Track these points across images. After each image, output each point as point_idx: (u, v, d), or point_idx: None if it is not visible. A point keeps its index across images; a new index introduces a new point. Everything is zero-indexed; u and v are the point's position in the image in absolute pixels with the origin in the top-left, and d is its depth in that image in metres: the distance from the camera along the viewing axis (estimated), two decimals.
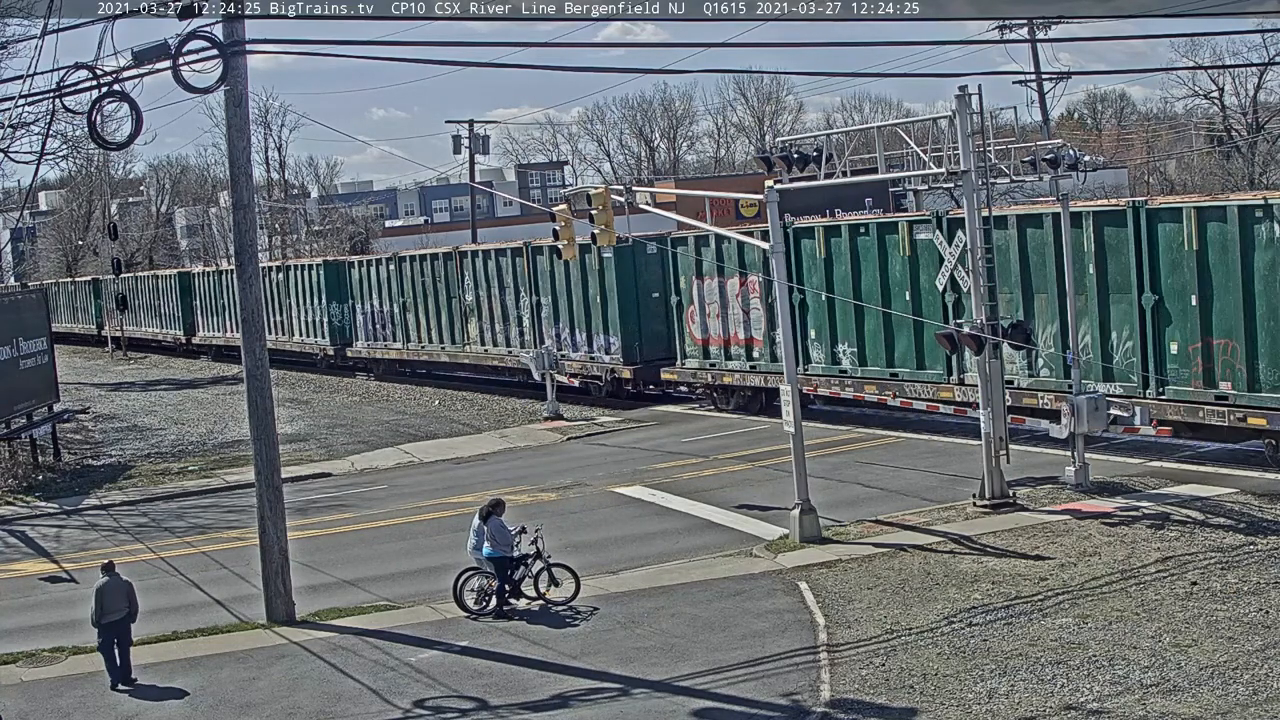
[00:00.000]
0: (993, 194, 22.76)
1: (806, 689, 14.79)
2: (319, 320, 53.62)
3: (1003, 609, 16.85)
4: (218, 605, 20.31)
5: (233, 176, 19.63)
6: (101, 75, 17.83)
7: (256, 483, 19.50)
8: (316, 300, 53.60)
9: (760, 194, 22.51)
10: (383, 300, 49.17)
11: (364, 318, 50.71)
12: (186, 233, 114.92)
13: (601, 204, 25.46)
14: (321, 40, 33.94)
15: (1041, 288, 26.14)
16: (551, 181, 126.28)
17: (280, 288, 56.40)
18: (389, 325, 49.10)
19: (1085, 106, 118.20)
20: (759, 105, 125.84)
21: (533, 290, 40.66)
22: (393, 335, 48.82)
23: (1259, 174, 65.92)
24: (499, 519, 18.67)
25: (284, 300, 56.38)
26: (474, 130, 69.59)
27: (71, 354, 74.30)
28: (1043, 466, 24.26)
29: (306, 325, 54.92)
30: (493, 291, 42.53)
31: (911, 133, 23.65)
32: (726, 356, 33.82)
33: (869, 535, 21.14)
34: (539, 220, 62.63)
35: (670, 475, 27.33)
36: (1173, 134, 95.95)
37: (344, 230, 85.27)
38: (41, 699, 16.58)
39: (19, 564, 24.41)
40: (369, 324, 50.37)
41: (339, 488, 29.87)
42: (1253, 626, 15.39)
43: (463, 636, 17.72)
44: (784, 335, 22.12)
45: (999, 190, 25.06)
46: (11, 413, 33.28)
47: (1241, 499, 21.27)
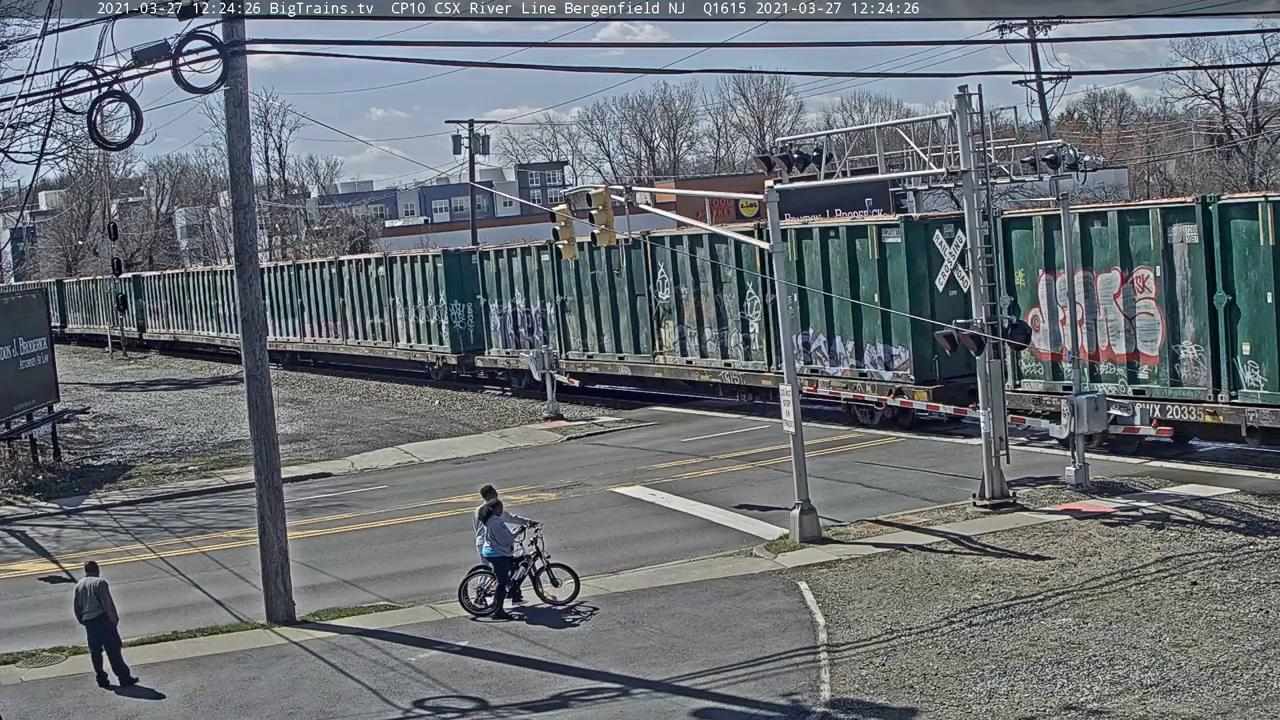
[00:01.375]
0: (993, 194, 22.76)
1: (806, 689, 14.78)
2: (435, 323, 45.96)
3: (1003, 609, 16.85)
4: (218, 605, 20.30)
5: (233, 176, 19.63)
6: (101, 75, 17.84)
7: (256, 483, 19.50)
8: (433, 299, 46.01)
9: (760, 194, 22.52)
10: (530, 299, 41.27)
11: (500, 320, 42.71)
12: (186, 233, 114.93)
13: (601, 204, 25.48)
14: (321, 40, 34.02)
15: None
16: (551, 181, 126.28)
17: (380, 284, 49.13)
18: (538, 329, 40.96)
19: (1085, 106, 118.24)
20: (759, 105, 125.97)
21: (765, 287, 31.80)
22: (544, 341, 40.15)
23: (1259, 174, 65.90)
24: (498, 519, 18.66)
25: (385, 300, 48.86)
26: (474, 130, 69.64)
27: (72, 354, 74.32)
28: (1043, 466, 24.26)
29: (417, 329, 47.20)
30: (703, 288, 34.81)
31: (911, 133, 23.65)
32: (1094, 377, 25.64)
33: (869, 535, 21.14)
34: (539, 220, 62.52)
35: (670, 475, 27.33)
36: (1173, 134, 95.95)
37: (344, 230, 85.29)
38: (41, 699, 16.57)
39: (19, 564, 24.41)
40: (507, 327, 42.45)
41: (339, 488, 29.86)
42: (1253, 626, 15.39)
43: (463, 636, 17.72)
44: (783, 335, 22.11)
45: (999, 190, 25.01)
46: (11, 413, 33.28)
47: (1241, 499, 21.26)
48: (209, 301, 64.65)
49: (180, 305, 69.08)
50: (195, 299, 66.74)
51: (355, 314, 51.34)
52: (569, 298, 39.57)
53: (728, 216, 61.22)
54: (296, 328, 56.01)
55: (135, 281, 75.30)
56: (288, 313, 56.37)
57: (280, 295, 56.38)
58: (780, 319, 22.35)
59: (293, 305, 55.93)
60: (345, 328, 52.16)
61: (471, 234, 70.00)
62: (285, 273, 57.07)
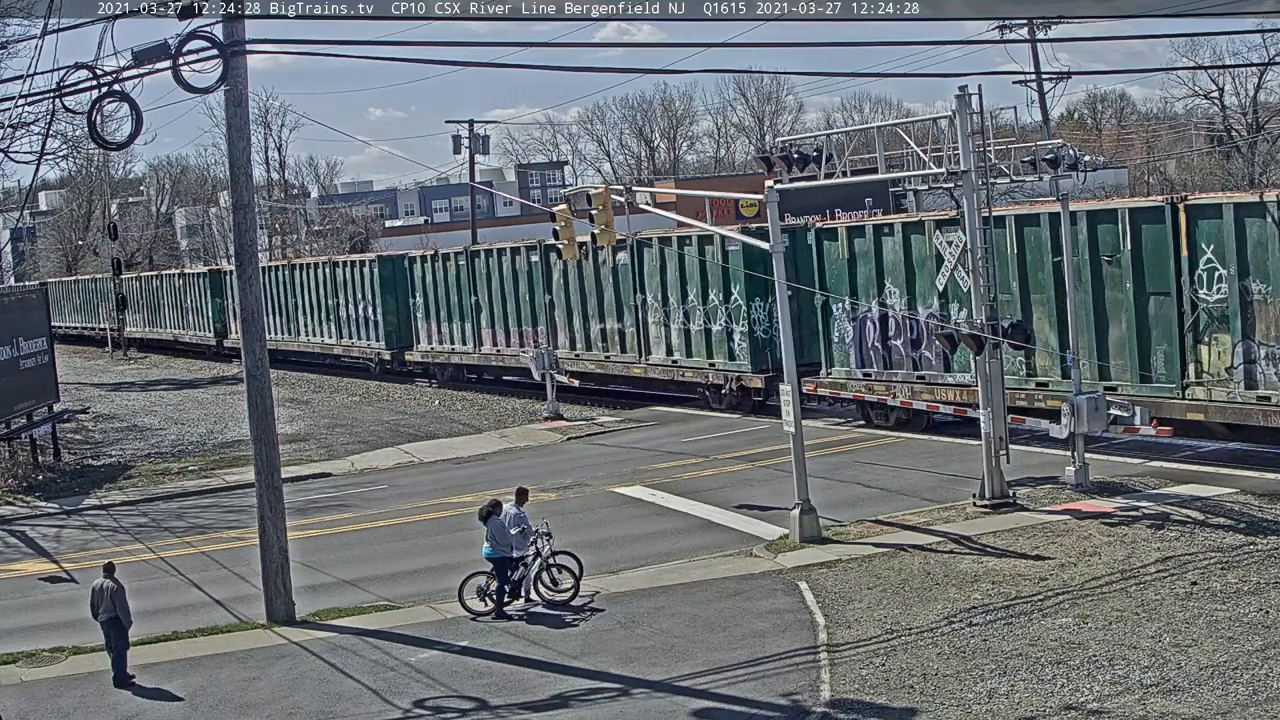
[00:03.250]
0: (993, 194, 22.76)
1: (806, 689, 14.78)
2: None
3: (1003, 609, 16.85)
4: (218, 605, 20.30)
5: (233, 176, 19.63)
6: (101, 75, 17.84)
7: (256, 483, 19.50)
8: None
9: (760, 194, 22.51)
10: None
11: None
12: (186, 233, 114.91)
13: (601, 204, 25.48)
14: (321, 40, 34.06)
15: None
16: (551, 181, 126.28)
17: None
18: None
19: (1085, 106, 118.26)
20: (759, 105, 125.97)
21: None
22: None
23: (1259, 174, 65.89)
24: (498, 519, 18.67)
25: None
26: (474, 130, 69.57)
27: (72, 354, 74.33)
28: (1043, 466, 24.26)
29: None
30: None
31: (911, 133, 23.65)
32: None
33: (869, 535, 21.14)
34: (540, 220, 62.62)
35: (670, 475, 27.32)
36: (1173, 134, 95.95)
37: (344, 230, 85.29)
38: (41, 699, 16.57)
39: (19, 564, 24.40)
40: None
41: (339, 488, 29.86)
42: (1253, 626, 15.39)
43: (462, 636, 17.72)
44: (783, 335, 22.10)
45: (999, 190, 25.00)
46: (11, 413, 33.28)
47: (1241, 499, 21.26)
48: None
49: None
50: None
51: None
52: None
53: (728, 217, 61.24)
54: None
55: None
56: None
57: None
58: (780, 319, 22.35)
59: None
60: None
61: (471, 234, 69.95)
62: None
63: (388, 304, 48.47)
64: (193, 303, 67.42)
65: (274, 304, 56.38)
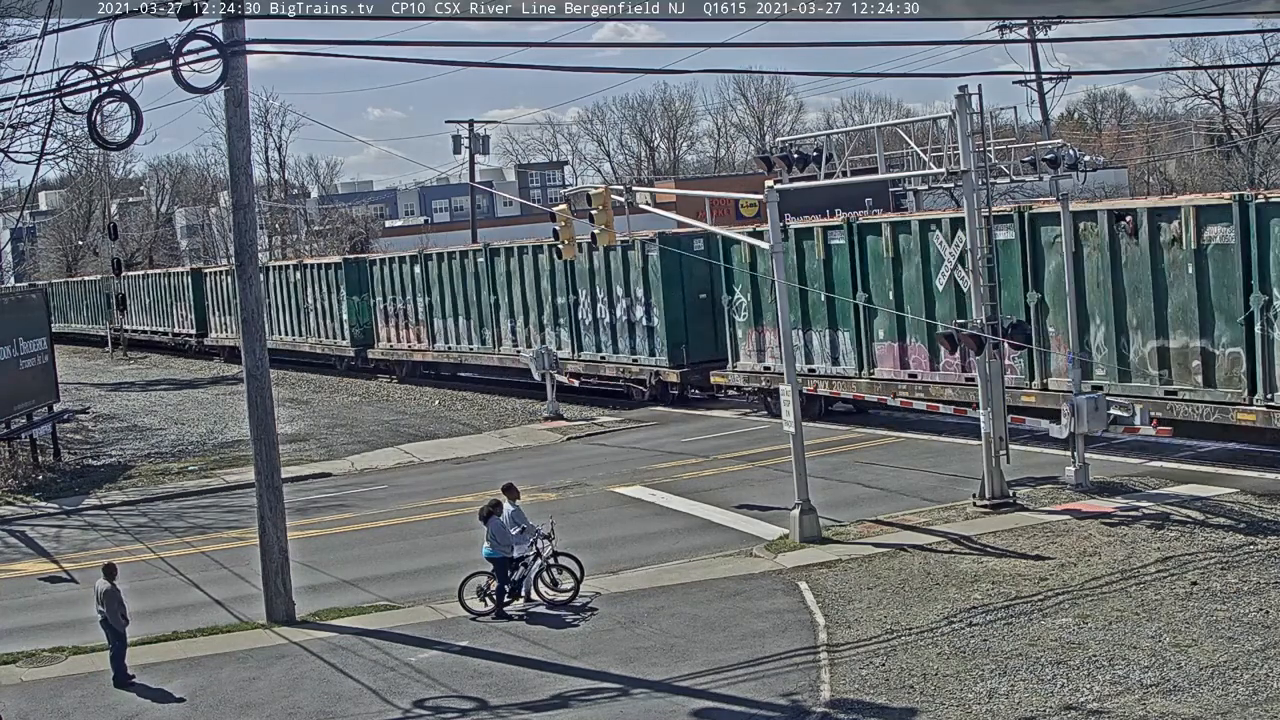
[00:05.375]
0: (993, 194, 22.76)
1: (806, 689, 14.79)
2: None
3: (1003, 609, 16.85)
4: (218, 605, 20.31)
5: (233, 176, 19.63)
6: (101, 75, 17.85)
7: (256, 483, 19.50)
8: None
9: (760, 194, 22.52)
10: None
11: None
12: (186, 233, 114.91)
13: (601, 204, 25.47)
14: (321, 40, 34.02)
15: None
16: (551, 181, 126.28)
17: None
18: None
19: (1085, 106, 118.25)
20: (759, 105, 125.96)
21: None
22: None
23: (1259, 174, 65.92)
24: (499, 519, 18.66)
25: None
26: (474, 130, 69.59)
27: (72, 354, 74.34)
28: (1043, 466, 24.26)
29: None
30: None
31: (911, 133, 23.65)
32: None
33: (869, 535, 21.14)
34: (539, 220, 62.63)
35: (670, 475, 27.32)
36: (1173, 134, 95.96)
37: (344, 230, 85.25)
38: (41, 699, 16.58)
39: (19, 564, 24.41)
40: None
41: (339, 488, 29.86)
42: (1253, 626, 15.39)
43: (462, 636, 17.72)
44: (783, 334, 22.11)
45: (999, 190, 24.99)
46: (11, 413, 33.28)
47: (1241, 499, 21.26)
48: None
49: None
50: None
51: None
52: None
53: (727, 217, 61.18)
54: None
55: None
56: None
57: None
58: (780, 318, 22.36)
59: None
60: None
61: (471, 234, 69.97)
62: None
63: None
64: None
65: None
